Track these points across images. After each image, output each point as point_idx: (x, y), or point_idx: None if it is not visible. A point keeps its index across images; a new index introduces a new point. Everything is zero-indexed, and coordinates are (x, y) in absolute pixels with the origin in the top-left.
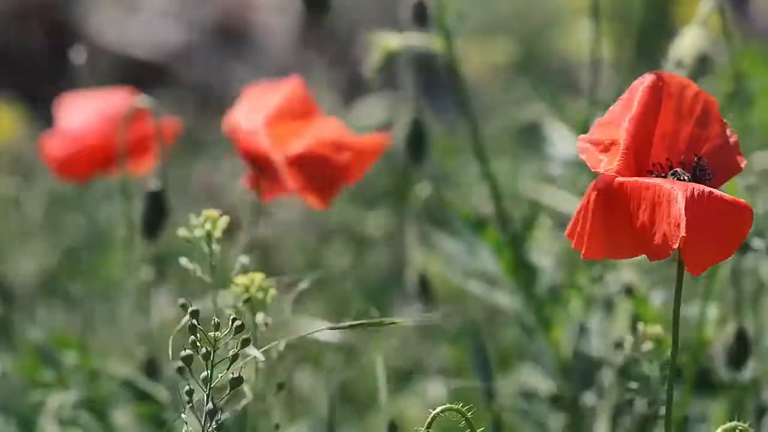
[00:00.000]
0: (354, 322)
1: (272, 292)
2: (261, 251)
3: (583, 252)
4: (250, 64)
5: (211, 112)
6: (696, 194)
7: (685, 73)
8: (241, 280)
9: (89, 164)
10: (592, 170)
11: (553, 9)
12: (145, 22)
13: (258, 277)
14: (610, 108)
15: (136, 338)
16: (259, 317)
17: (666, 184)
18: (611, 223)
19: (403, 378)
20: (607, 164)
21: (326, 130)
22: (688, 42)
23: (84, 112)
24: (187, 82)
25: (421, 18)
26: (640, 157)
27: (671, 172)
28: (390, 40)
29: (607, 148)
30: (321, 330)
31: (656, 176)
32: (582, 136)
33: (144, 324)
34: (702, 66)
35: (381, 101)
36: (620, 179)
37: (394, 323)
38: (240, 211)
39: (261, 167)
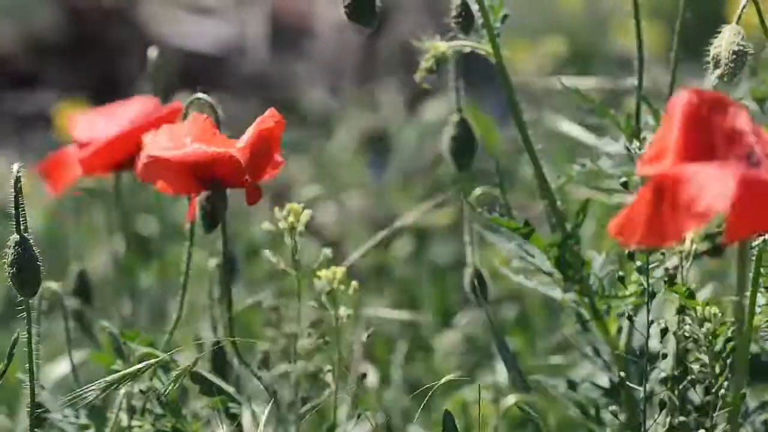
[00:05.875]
0: None
1: (354, 284)
2: (324, 243)
3: (637, 241)
4: (308, 56)
5: (270, 104)
6: (746, 175)
7: (722, 71)
8: (324, 273)
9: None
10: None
11: (613, 5)
12: (203, 18)
13: (340, 271)
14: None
15: (210, 329)
16: (341, 310)
17: (714, 166)
18: (663, 211)
19: (471, 368)
20: (659, 166)
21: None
22: (724, 40)
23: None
24: (245, 75)
25: (466, 22)
26: (689, 160)
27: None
28: (439, 45)
29: (659, 157)
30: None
31: None
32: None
33: (221, 315)
34: (738, 64)
35: (444, 101)
36: (673, 170)
37: None
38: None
39: (213, 175)
